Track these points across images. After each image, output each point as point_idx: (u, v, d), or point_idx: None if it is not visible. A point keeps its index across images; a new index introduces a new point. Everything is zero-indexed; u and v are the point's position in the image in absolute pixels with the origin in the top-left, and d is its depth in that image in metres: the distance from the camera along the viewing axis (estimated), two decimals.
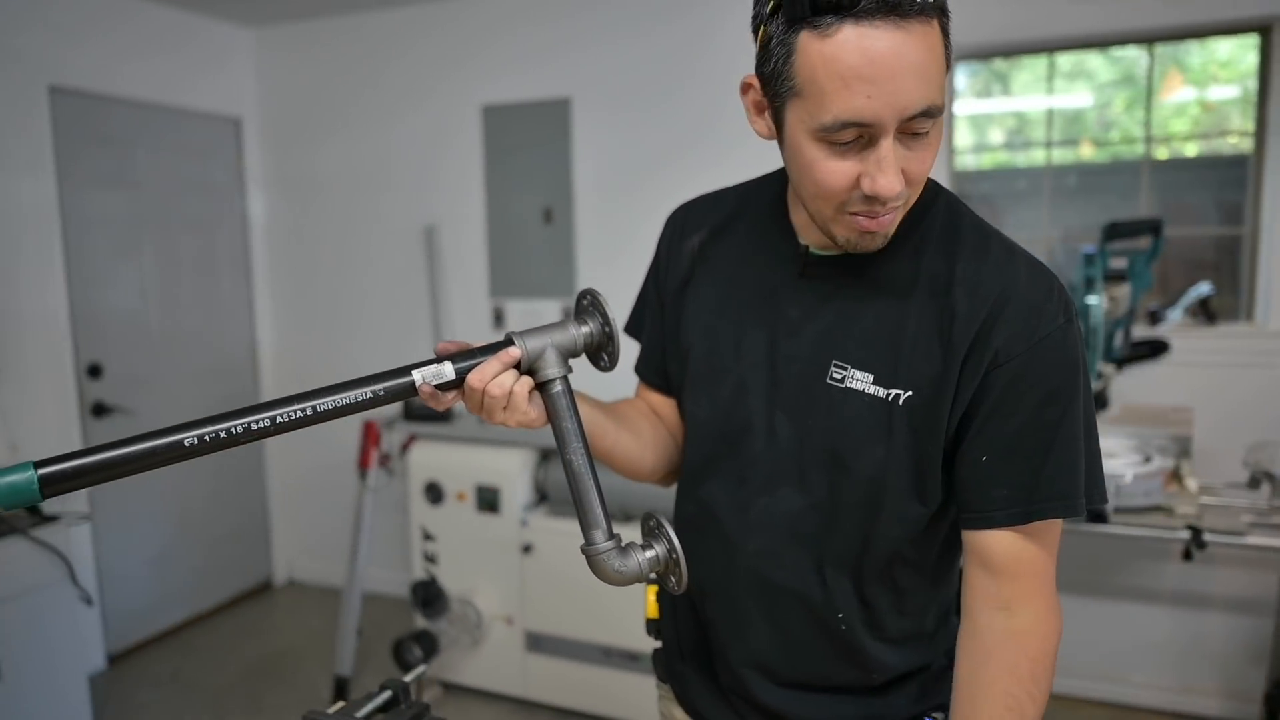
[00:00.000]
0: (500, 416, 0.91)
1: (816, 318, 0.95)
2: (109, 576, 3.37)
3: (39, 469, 0.72)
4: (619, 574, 0.92)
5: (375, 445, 3.12)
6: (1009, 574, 0.90)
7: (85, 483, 0.75)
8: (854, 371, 0.92)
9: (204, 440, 0.79)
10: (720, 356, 1.02)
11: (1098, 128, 3.07)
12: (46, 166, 3.11)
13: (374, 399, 0.85)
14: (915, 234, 0.93)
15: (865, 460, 0.92)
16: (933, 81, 0.78)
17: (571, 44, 3.40)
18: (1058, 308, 0.88)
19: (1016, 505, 0.88)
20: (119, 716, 3.00)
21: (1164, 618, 2.86)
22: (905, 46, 0.75)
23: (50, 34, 3.10)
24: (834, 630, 1.00)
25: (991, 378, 0.87)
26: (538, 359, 0.91)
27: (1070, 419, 0.88)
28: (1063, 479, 0.88)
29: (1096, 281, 2.22)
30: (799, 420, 0.96)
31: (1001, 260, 0.90)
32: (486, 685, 3.07)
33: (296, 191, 3.99)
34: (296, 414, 0.82)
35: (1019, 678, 0.89)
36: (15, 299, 3.02)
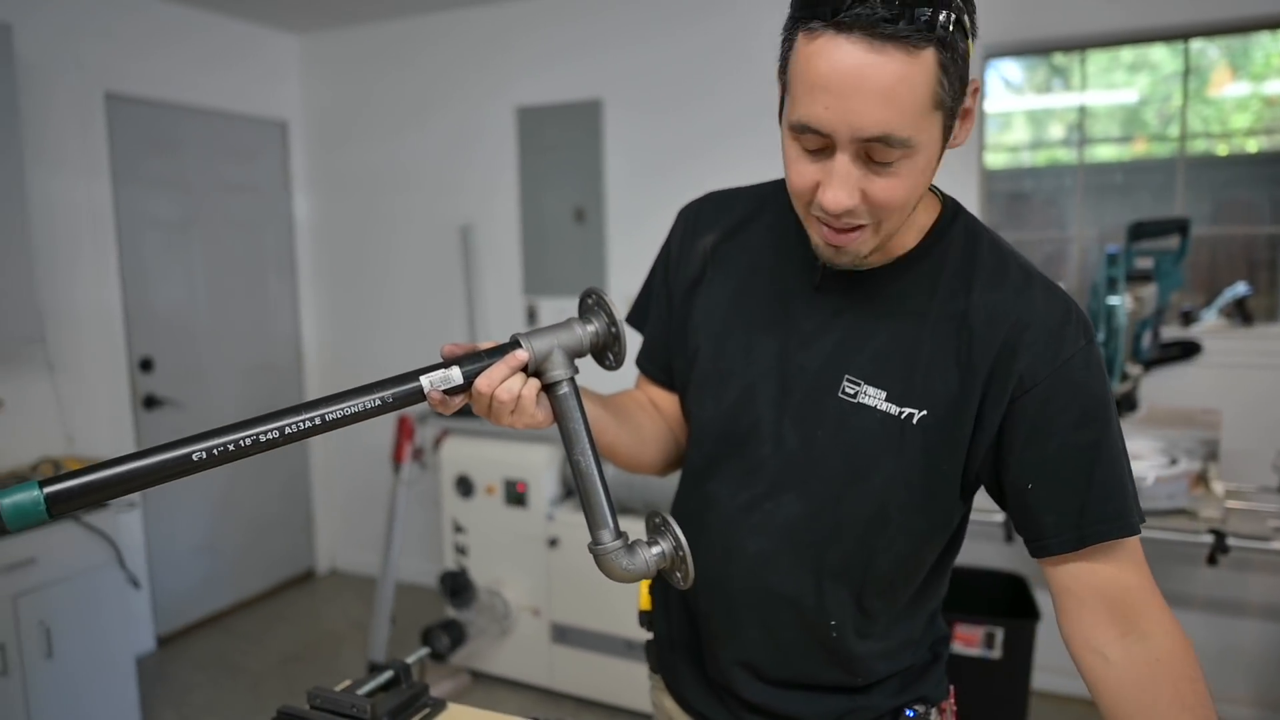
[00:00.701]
0: (508, 419, 0.90)
1: (830, 331, 0.95)
2: (159, 562, 3.52)
3: (44, 488, 0.72)
4: (626, 572, 0.93)
5: (409, 440, 3.21)
6: (1124, 602, 0.89)
7: (93, 500, 0.75)
8: (866, 388, 0.92)
9: (212, 454, 0.78)
10: (729, 360, 1.02)
11: (1157, 123, 3.00)
12: (103, 170, 3.27)
13: (381, 406, 0.85)
14: (932, 255, 0.93)
15: (874, 476, 0.93)
16: (899, 110, 0.76)
17: (603, 47, 3.45)
18: (1077, 330, 0.88)
19: (1067, 530, 0.88)
20: (166, 696, 3.14)
21: (1194, 623, 2.81)
22: (873, 69, 0.74)
23: (107, 43, 3.25)
24: (825, 637, 1.01)
25: (1020, 404, 0.87)
26: (544, 360, 0.91)
27: (1109, 440, 0.88)
28: (1113, 500, 0.88)
29: (1119, 281, 2.19)
30: (808, 431, 0.96)
31: (1019, 283, 0.90)
32: (513, 675, 3.15)
33: (339, 192, 4.12)
34: (304, 424, 0.82)
35: (1188, 704, 0.86)
36: (73, 296, 3.18)
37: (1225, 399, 2.65)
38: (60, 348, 3.13)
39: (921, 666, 1.08)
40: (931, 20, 0.73)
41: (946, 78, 0.77)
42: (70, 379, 3.18)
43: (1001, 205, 3.29)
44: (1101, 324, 2.26)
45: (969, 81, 0.81)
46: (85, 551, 2.57)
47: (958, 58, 0.77)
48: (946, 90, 0.77)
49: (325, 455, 4.27)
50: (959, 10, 0.75)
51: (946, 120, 0.80)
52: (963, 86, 0.80)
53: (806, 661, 1.03)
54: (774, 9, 0.83)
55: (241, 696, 3.13)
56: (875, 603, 1.00)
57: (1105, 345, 2.26)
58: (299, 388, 4.19)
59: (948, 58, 0.76)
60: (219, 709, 3.05)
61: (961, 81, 0.79)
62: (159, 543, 3.52)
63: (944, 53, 0.75)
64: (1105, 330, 2.24)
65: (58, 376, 3.13)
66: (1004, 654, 2.46)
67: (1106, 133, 3.10)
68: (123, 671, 2.72)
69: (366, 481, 4.15)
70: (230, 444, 0.79)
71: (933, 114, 0.78)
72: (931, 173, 0.85)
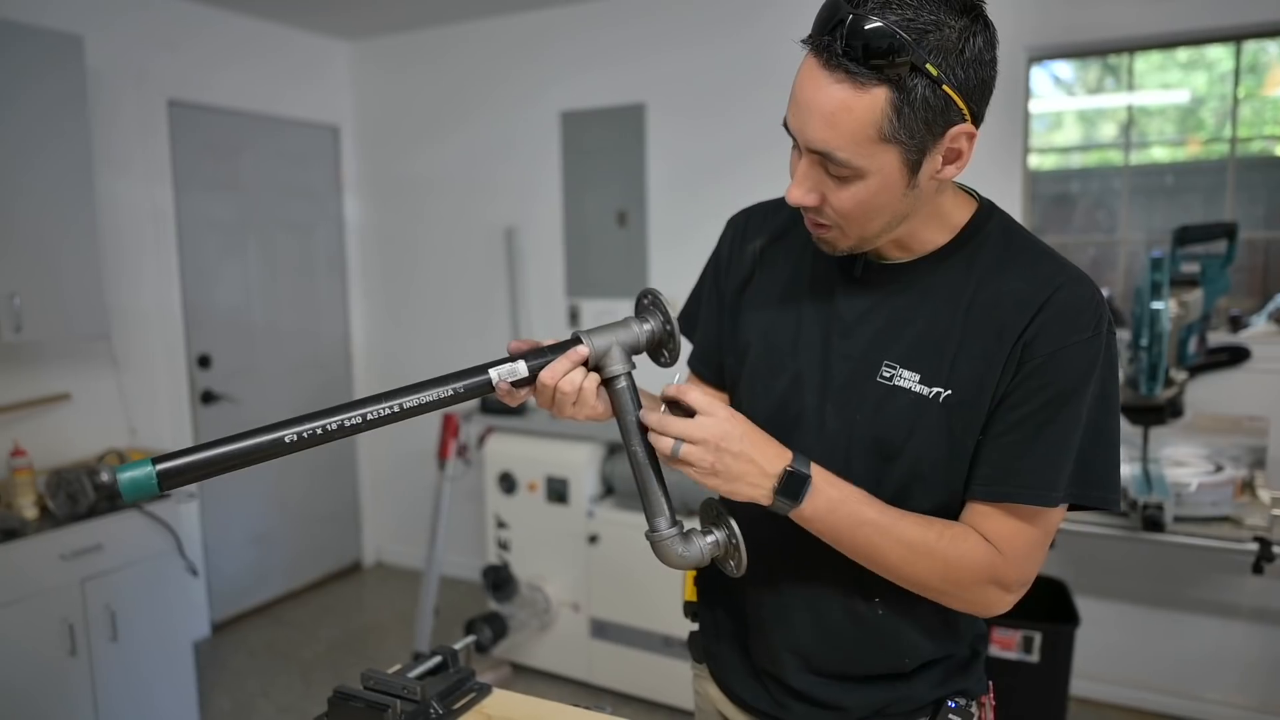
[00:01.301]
0: (569, 411, 0.98)
1: (870, 320, 1.02)
2: (214, 551, 3.66)
3: (156, 464, 0.81)
4: (682, 558, 0.99)
5: (454, 437, 3.29)
6: (995, 544, 0.97)
7: (196, 477, 0.83)
8: (902, 371, 0.99)
9: (303, 437, 0.86)
10: (778, 352, 1.08)
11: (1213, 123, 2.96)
12: (165, 173, 3.40)
13: (454, 396, 0.92)
14: (967, 249, 0.99)
15: (906, 452, 0.99)
16: (838, 133, 0.85)
17: (646, 51, 3.50)
18: (1090, 320, 0.93)
19: (988, 487, 0.96)
20: (220, 680, 3.26)
21: (1240, 632, 2.77)
22: (823, 93, 0.85)
23: (170, 53, 3.39)
24: (870, 615, 1.06)
25: (1016, 372, 0.94)
26: (604, 356, 0.97)
27: (1066, 418, 0.93)
28: (1041, 471, 0.93)
29: (1164, 286, 2.18)
30: (847, 413, 1.02)
31: (1049, 274, 0.95)
32: (553, 668, 3.21)
33: (388, 195, 4.23)
34: (385, 411, 0.89)
35: (950, 526, 0.97)
36: (137, 295, 3.32)
37: (1274, 406, 2.61)
38: (124, 344, 3.27)
39: (962, 660, 1.12)
40: (881, 64, 0.81)
41: (898, 117, 0.84)
42: (133, 374, 3.32)
43: (1046, 207, 3.27)
44: (1145, 329, 2.24)
45: (951, 128, 0.87)
46: (148, 539, 2.69)
47: (915, 103, 0.83)
48: (897, 128, 0.84)
49: (372, 451, 4.39)
50: (921, 62, 0.82)
51: (907, 155, 0.87)
52: (930, 130, 0.86)
53: (854, 645, 1.08)
54: (811, 14, 0.89)
55: (292, 683, 3.24)
56: None
57: (1148, 350, 2.24)
58: (347, 385, 4.31)
59: (901, 99, 0.83)
60: (271, 694, 3.16)
61: (928, 126, 0.85)
62: (214, 533, 3.66)
63: (897, 94, 0.83)
64: (1149, 335, 2.23)
65: (122, 372, 3.27)
66: (1041, 658, 2.45)
67: (1160, 133, 3.06)
68: (182, 656, 2.84)
69: (411, 477, 4.25)
70: (319, 428, 0.87)
71: (880, 145, 0.86)
72: (897, 198, 0.91)
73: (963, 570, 0.95)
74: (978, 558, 0.95)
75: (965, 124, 0.87)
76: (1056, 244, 3.44)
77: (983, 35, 0.86)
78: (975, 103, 0.88)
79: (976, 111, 0.89)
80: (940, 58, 0.83)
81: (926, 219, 0.98)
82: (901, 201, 0.91)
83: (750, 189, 1.12)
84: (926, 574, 0.96)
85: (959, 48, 0.83)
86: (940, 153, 0.88)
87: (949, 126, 0.87)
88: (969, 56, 0.84)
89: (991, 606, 0.99)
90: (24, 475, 2.55)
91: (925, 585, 0.97)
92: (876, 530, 0.95)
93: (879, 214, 0.92)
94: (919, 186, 0.90)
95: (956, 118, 0.86)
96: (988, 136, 3.07)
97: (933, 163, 0.89)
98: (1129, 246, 3.09)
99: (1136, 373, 2.32)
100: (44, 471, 2.72)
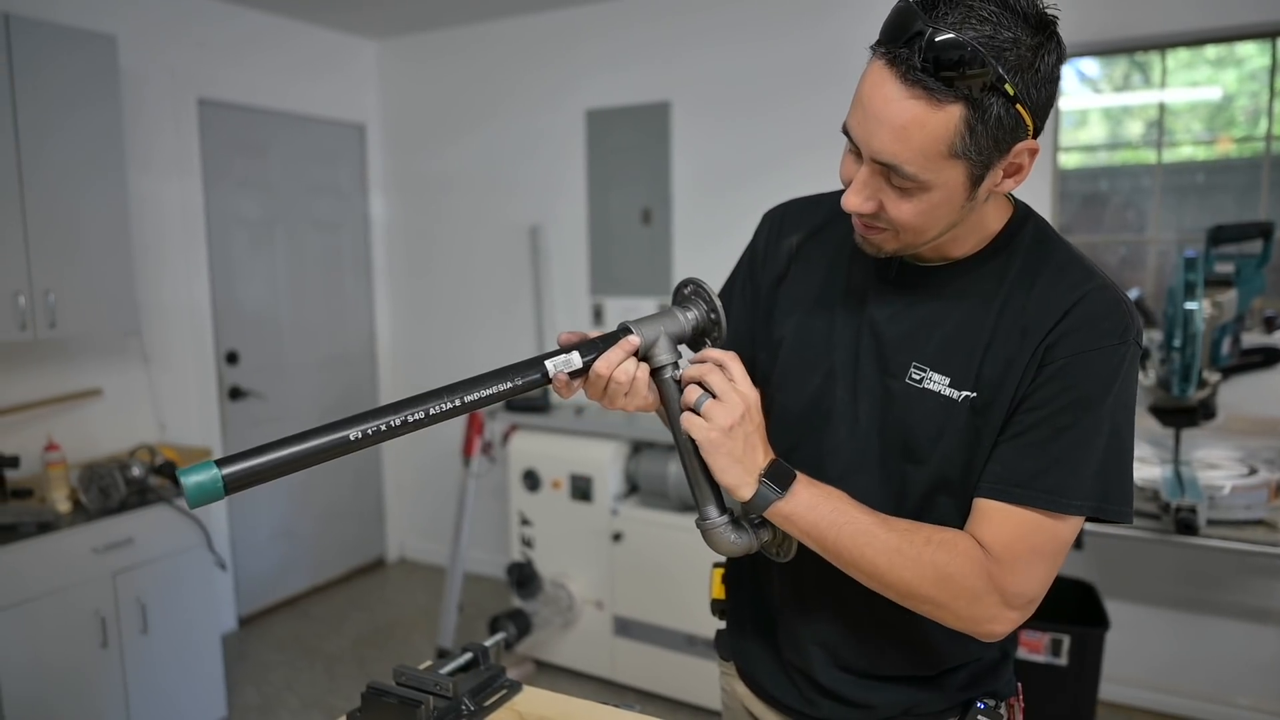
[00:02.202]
0: (621, 401, 0.98)
1: (902, 321, 1.02)
2: (241, 546, 3.69)
3: (221, 468, 0.78)
4: (733, 545, 0.99)
5: (479, 434, 3.31)
6: (995, 548, 0.93)
7: (261, 480, 0.80)
8: (932, 374, 0.99)
9: (367, 434, 0.84)
10: (812, 349, 1.09)
11: (1245, 121, 2.92)
12: (194, 171, 3.44)
13: (513, 389, 0.92)
14: (1002, 255, 0.99)
15: (934, 453, 0.99)
16: (909, 147, 0.83)
17: (672, 50, 3.50)
18: (1114, 327, 0.92)
19: (998, 484, 0.93)
20: (247, 673, 3.30)
21: (1273, 637, 2.73)
22: (894, 104, 0.83)
23: (199, 51, 3.43)
24: (897, 613, 1.04)
25: (1037, 375, 0.93)
26: (652, 346, 0.98)
27: (1085, 428, 0.92)
28: (1057, 475, 0.91)
29: (1198, 286, 2.15)
30: (878, 413, 1.03)
31: (1077, 281, 0.95)
32: (576, 665, 3.22)
33: (413, 193, 4.25)
34: (447, 406, 0.88)
35: (940, 531, 0.94)
36: (167, 291, 3.36)
37: None
38: (154, 340, 3.31)
39: (991, 662, 1.12)
40: (959, 81, 0.80)
41: (971, 135, 0.83)
42: (163, 370, 3.36)
43: (1076, 206, 3.24)
44: (1178, 329, 2.21)
45: (1017, 143, 0.86)
46: (177, 533, 2.72)
47: (990, 120, 0.82)
48: (969, 145, 0.83)
49: (396, 449, 4.42)
50: (999, 80, 0.80)
51: (973, 171, 0.86)
52: (998, 147, 0.85)
53: (880, 642, 1.08)
54: (843, 24, 0.89)
55: (318, 677, 3.27)
56: None
57: (1182, 351, 2.22)
58: (373, 381, 4.34)
59: (975, 118, 0.82)
60: (297, 688, 3.19)
61: (996, 143, 0.84)
62: (241, 528, 3.69)
63: (972, 112, 0.82)
64: (1182, 336, 2.20)
65: (152, 367, 3.31)
66: (1070, 661, 2.43)
67: (1189, 130, 3.02)
68: (210, 649, 2.87)
69: (435, 474, 4.27)
70: (384, 424, 0.85)
71: (949, 161, 0.85)
72: (955, 210, 0.90)
73: (955, 577, 0.91)
74: (971, 562, 0.92)
75: (1029, 140, 0.87)
76: (1085, 243, 3.40)
77: (1056, 53, 0.84)
78: (1040, 119, 0.86)
79: (1040, 128, 0.87)
80: (1017, 75, 0.81)
81: (970, 227, 0.98)
82: (959, 212, 0.91)
83: (776, 187, 1.12)
84: (916, 580, 0.92)
85: (1035, 65, 0.82)
86: (1003, 168, 0.88)
87: (1015, 143, 0.86)
88: (1043, 74, 0.83)
89: (992, 622, 0.94)
90: (57, 469, 2.59)
91: (916, 594, 0.93)
92: (859, 531, 0.93)
93: (936, 224, 0.92)
94: (977, 199, 0.91)
95: (1023, 134, 0.85)
96: None
97: (994, 177, 0.89)
98: (1159, 246, 3.05)
99: (1169, 374, 2.29)
100: (76, 466, 2.76)
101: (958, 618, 0.94)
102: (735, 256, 1.25)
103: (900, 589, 0.94)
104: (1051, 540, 0.93)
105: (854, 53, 0.87)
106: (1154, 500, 2.21)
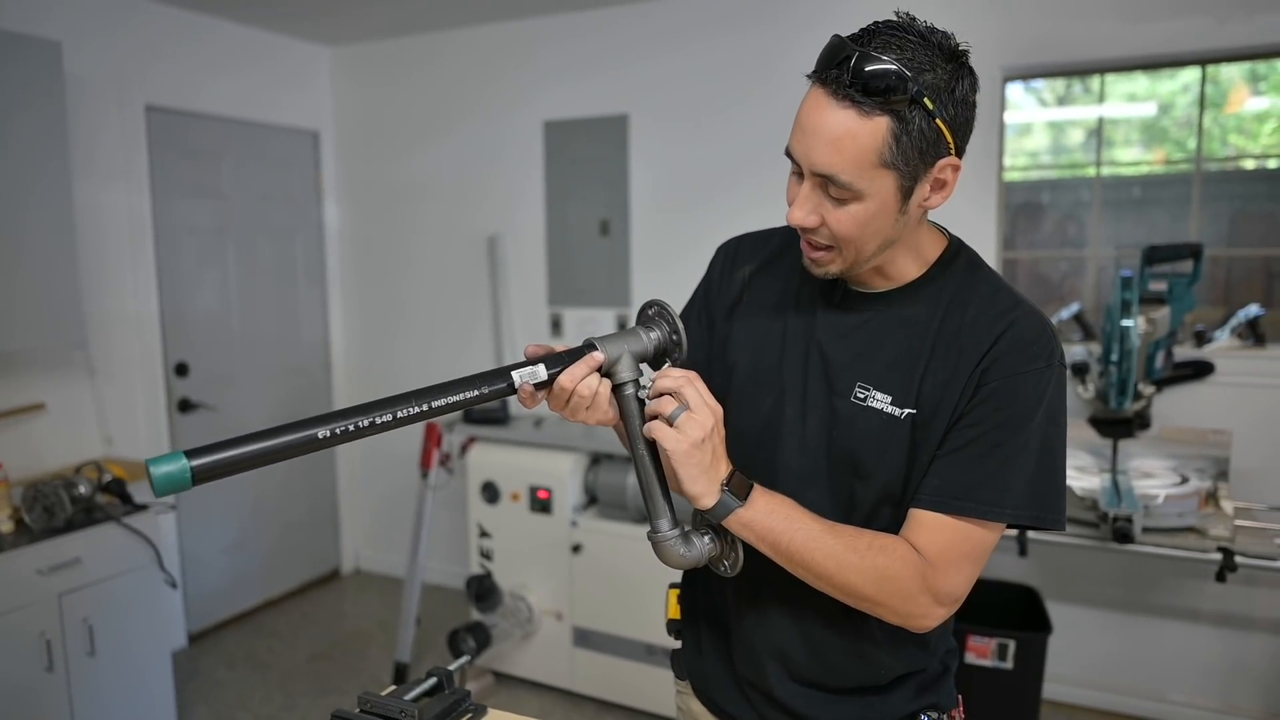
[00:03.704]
0: (582, 415, 1.02)
1: (847, 343, 1.09)
2: (190, 561, 3.63)
3: (190, 460, 0.81)
4: (683, 558, 1.04)
5: (437, 445, 3.30)
6: (919, 544, 1.01)
7: (229, 472, 0.83)
8: (875, 392, 1.06)
9: (335, 433, 0.87)
10: (764, 371, 1.15)
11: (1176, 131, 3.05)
12: (142, 179, 3.37)
13: (480, 396, 0.96)
14: (937, 283, 1.08)
15: (879, 468, 1.06)
16: (844, 158, 0.93)
17: (630, 62, 3.53)
18: (1042, 351, 1.01)
19: (937, 496, 1.01)
20: (198, 692, 3.24)
21: (1206, 636, 2.86)
22: (829, 119, 0.93)
23: (147, 57, 3.36)
24: (848, 622, 1.11)
25: (974, 395, 1.01)
26: (615, 363, 1.02)
27: (1017, 445, 1.00)
28: (990, 487, 0.99)
29: (1133, 304, 2.25)
30: (825, 431, 1.09)
31: (1006, 307, 1.04)
32: (536, 676, 3.23)
33: (369, 201, 4.22)
34: (414, 410, 0.91)
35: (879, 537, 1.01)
36: (113, 302, 3.28)
37: (1236, 418, 2.70)
38: (100, 352, 3.24)
39: (934, 675, 1.18)
40: (885, 95, 0.90)
41: (897, 145, 0.92)
42: (109, 383, 3.28)
43: (1016, 217, 3.35)
44: (1115, 345, 2.31)
45: (940, 159, 0.96)
46: (126, 552, 2.66)
47: (913, 133, 0.92)
48: (896, 155, 0.93)
49: (350, 458, 4.37)
50: (919, 96, 0.91)
51: (902, 182, 0.95)
52: (923, 159, 0.94)
53: (832, 654, 1.13)
54: (797, 30, 0.97)
55: (271, 693, 3.23)
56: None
57: (1119, 365, 2.31)
58: (327, 392, 4.29)
59: (900, 129, 0.92)
60: (250, 705, 3.15)
61: (921, 155, 0.94)
62: (191, 543, 3.63)
63: (897, 124, 0.91)
64: (1119, 351, 2.30)
65: (98, 380, 3.24)
66: (1015, 664, 2.52)
67: (1127, 140, 3.15)
68: (160, 669, 2.82)
69: (388, 482, 4.24)
70: (351, 425, 0.88)
71: (880, 170, 0.94)
72: (890, 223, 0.98)
73: (894, 579, 0.99)
74: (908, 566, 0.99)
75: (951, 157, 0.97)
76: (1028, 259, 3.52)
77: (968, 79, 0.95)
78: (960, 139, 0.97)
79: (961, 147, 0.98)
80: (934, 94, 0.92)
81: (905, 250, 1.06)
82: (893, 226, 0.99)
83: (735, 199, 1.17)
84: (860, 582, 0.99)
85: (949, 87, 0.93)
86: (929, 182, 0.97)
87: (939, 158, 0.96)
88: (958, 96, 0.94)
89: (924, 618, 1.02)
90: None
91: (860, 594, 1.00)
92: (809, 536, 0.99)
93: (873, 237, 0.99)
94: (909, 213, 0.99)
95: (945, 150, 0.96)
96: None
97: (922, 190, 0.98)
98: (1098, 261, 3.17)
99: (1106, 387, 2.39)
100: (19, 484, 2.69)
101: (894, 614, 1.02)
102: (693, 268, 1.32)
103: (845, 589, 1.01)
104: (979, 546, 1.02)
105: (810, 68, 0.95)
106: (1093, 510, 2.31)
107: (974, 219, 2.99)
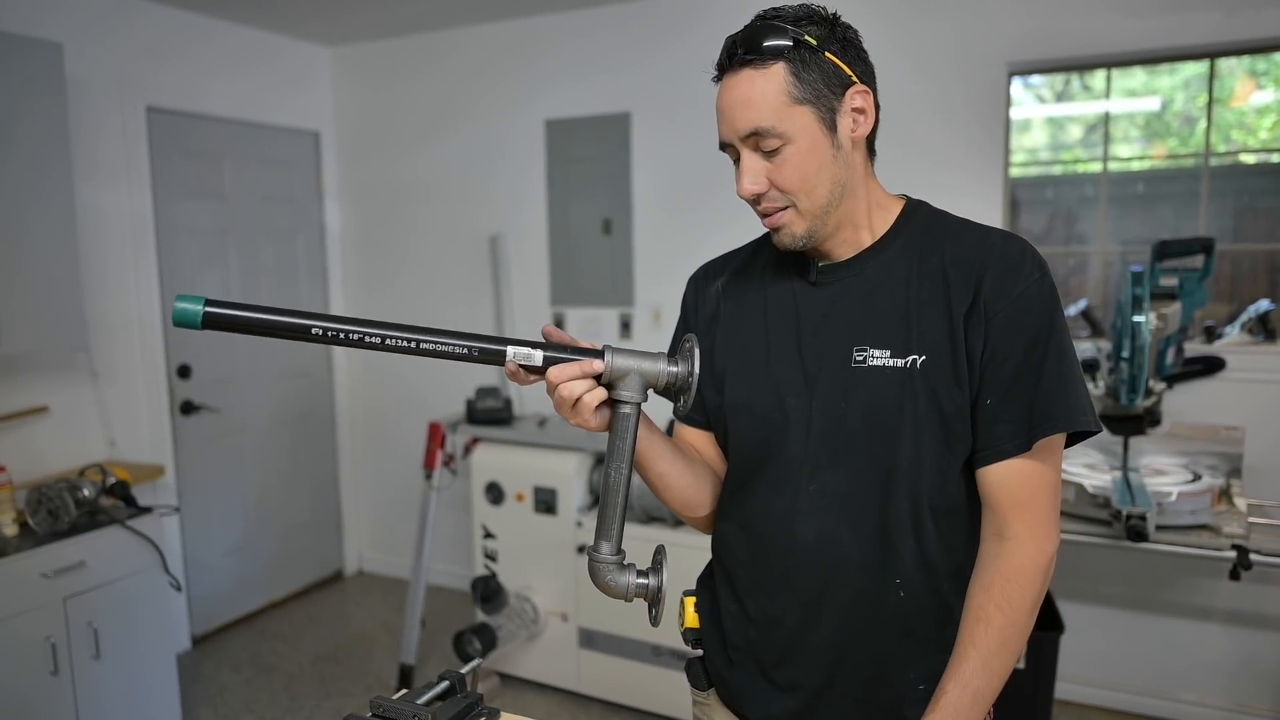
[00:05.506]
0: (564, 412, 1.02)
1: (833, 314, 1.11)
2: (194, 564, 3.61)
3: (208, 306, 0.95)
4: (608, 585, 1.05)
5: (440, 446, 3.28)
6: (1011, 502, 1.04)
7: (233, 328, 0.96)
8: (873, 351, 1.07)
9: (326, 333, 0.97)
10: (756, 367, 1.15)
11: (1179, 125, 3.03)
12: (143, 181, 3.36)
13: (468, 354, 0.98)
14: (904, 235, 1.11)
15: (898, 422, 1.05)
16: (758, 108, 1.02)
17: (632, 60, 3.51)
18: (1031, 266, 1.04)
19: (1020, 435, 1.02)
20: (203, 695, 3.22)
21: (1218, 635, 2.84)
22: (736, 89, 1.04)
23: (149, 58, 3.34)
24: (893, 602, 1.08)
25: (988, 329, 1.03)
26: (621, 378, 1.00)
27: (1053, 355, 1.02)
28: (1054, 403, 1.02)
29: (1144, 300, 2.23)
30: (833, 405, 1.08)
31: (979, 237, 1.08)
32: (542, 678, 3.21)
33: (370, 201, 4.20)
34: (402, 342, 0.96)
35: (990, 592, 1.03)
36: (116, 305, 3.27)
37: (1248, 415, 2.68)
38: (103, 355, 3.22)
39: None
40: (774, 46, 1.01)
41: (799, 81, 1.01)
42: (112, 386, 3.27)
43: (1025, 215, 3.33)
44: (1126, 341, 2.29)
45: (848, 88, 1.04)
46: (131, 555, 2.65)
47: (810, 67, 1.01)
48: (802, 90, 1.01)
49: (354, 459, 4.36)
50: (799, 36, 1.01)
51: (820, 114, 1.03)
52: (830, 89, 1.02)
53: (878, 639, 1.09)
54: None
55: (276, 695, 3.21)
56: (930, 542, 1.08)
57: (1130, 362, 2.29)
58: (329, 393, 4.27)
59: (798, 66, 1.01)
60: (255, 708, 3.13)
61: (827, 85, 1.02)
62: (194, 545, 3.61)
63: (792, 64, 1.01)
64: (1130, 347, 2.28)
65: (100, 383, 3.22)
66: (1028, 665, 2.50)
67: (1126, 136, 3.13)
68: (165, 672, 2.80)
69: (393, 485, 4.23)
70: (341, 332, 0.97)
71: (795, 108, 1.01)
72: (828, 159, 1.04)
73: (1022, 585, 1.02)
74: (1011, 568, 1.02)
75: (858, 85, 1.04)
76: None
77: (848, 30, 1.06)
78: (859, 71, 1.05)
79: (864, 75, 1.05)
80: (816, 36, 1.02)
81: (864, 208, 1.10)
82: (834, 162, 1.05)
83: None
84: (1028, 622, 1.04)
85: (829, 33, 1.03)
86: (847, 114, 1.04)
87: (845, 87, 1.04)
88: (838, 35, 1.04)
89: (1047, 557, 1.04)
90: (3, 491, 2.50)
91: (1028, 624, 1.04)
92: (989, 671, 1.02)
93: (819, 179, 1.04)
94: (843, 146, 1.05)
95: (848, 80, 1.04)
96: (968, 148, 3.08)
97: (845, 122, 1.04)
98: (1104, 257, 3.15)
99: (1117, 383, 2.36)
100: (23, 487, 2.68)
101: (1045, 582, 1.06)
102: (695, 266, 1.33)
103: (1026, 636, 1.05)
104: (1056, 470, 1.06)
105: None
106: (1105, 508, 2.29)
107: (980, 215, 2.95)
